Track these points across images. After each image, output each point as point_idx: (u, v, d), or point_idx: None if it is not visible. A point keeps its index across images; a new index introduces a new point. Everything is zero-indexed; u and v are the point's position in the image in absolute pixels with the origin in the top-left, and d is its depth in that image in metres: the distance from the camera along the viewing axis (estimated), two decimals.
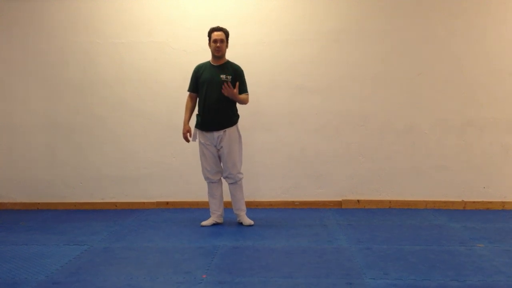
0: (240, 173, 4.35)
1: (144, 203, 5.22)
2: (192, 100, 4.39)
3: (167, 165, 5.17)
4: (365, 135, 5.06)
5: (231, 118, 4.28)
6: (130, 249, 3.76)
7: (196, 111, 4.38)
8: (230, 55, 4.40)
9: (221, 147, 4.26)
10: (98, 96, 5.18)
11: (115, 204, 5.23)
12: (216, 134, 4.24)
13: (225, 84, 4.11)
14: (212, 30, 4.25)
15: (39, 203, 5.28)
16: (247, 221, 4.41)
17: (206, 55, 4.44)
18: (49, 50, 5.17)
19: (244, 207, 4.44)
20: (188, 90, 4.40)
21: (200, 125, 4.30)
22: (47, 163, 5.25)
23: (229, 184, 4.39)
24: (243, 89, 4.28)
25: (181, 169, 5.14)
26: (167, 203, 5.22)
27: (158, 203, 5.22)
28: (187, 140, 4.39)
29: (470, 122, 4.98)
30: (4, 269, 3.33)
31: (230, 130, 4.26)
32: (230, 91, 4.12)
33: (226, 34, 4.27)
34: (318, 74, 5.03)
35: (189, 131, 4.36)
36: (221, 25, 4.30)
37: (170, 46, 5.08)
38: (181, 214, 4.89)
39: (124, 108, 5.17)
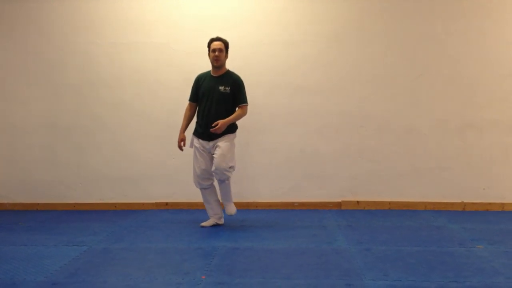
0: (228, 170, 4.18)
1: (143, 203, 5.21)
2: (191, 109, 4.39)
3: (166, 165, 5.16)
4: (364, 136, 5.05)
5: (229, 129, 4.23)
6: (129, 250, 3.75)
7: (195, 119, 4.38)
8: (230, 54, 4.38)
9: (215, 149, 4.22)
10: (97, 97, 5.17)
11: (114, 204, 5.23)
12: (211, 143, 4.23)
13: (214, 127, 4.08)
14: (212, 40, 4.24)
15: (38, 204, 5.28)
16: (229, 210, 4.35)
17: (206, 57, 4.43)
18: (48, 51, 5.16)
19: (229, 199, 4.36)
20: (189, 100, 4.39)
21: (198, 133, 4.30)
22: (46, 164, 5.25)
23: (217, 180, 4.31)
24: (241, 100, 4.24)
25: (181, 170, 5.12)
26: (167, 204, 5.21)
27: (157, 204, 5.21)
28: (181, 149, 4.40)
29: (469, 123, 4.98)
30: (3, 270, 3.32)
31: (225, 136, 4.23)
32: (220, 129, 4.09)
33: (226, 44, 4.24)
34: (317, 74, 5.03)
35: (183, 140, 4.37)
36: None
37: (170, 47, 5.08)
38: (180, 215, 4.88)
39: (123, 109, 5.16)
